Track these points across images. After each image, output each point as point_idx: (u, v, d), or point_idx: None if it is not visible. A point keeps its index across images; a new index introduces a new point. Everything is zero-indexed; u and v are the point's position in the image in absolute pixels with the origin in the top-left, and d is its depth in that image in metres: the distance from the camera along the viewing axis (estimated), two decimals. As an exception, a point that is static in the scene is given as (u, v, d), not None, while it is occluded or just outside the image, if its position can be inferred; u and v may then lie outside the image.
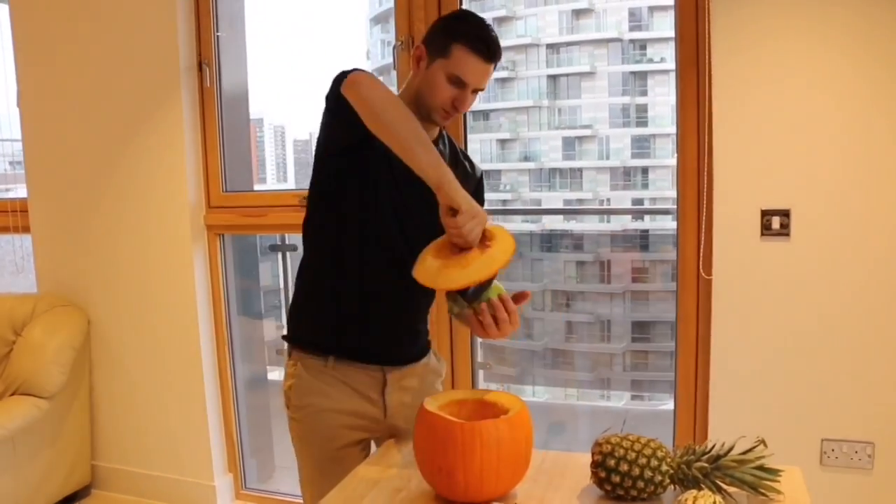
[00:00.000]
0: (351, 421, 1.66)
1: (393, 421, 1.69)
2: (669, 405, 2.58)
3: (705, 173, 2.30)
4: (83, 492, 3.24)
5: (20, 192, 3.35)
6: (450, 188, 1.35)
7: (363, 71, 1.48)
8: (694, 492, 1.18)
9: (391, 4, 2.72)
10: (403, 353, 1.71)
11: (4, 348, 3.07)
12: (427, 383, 1.76)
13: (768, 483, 1.27)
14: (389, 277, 1.61)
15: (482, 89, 1.61)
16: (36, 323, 3.05)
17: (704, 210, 2.31)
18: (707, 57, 2.25)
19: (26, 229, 3.32)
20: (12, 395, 2.94)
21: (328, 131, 1.58)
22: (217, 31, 2.98)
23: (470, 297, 1.42)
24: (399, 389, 1.68)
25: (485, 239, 1.41)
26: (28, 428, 2.86)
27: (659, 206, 6.49)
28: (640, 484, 1.29)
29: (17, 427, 2.80)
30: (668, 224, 2.48)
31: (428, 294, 1.72)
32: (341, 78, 1.48)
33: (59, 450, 3.05)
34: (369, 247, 1.61)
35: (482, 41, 1.55)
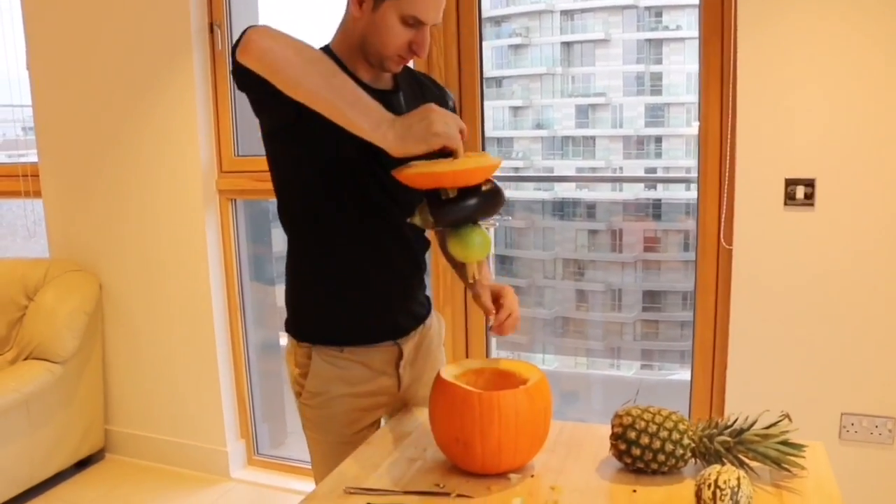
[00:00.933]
0: (368, 402, 1.59)
1: (406, 392, 1.66)
2: (680, 375, 2.55)
3: (728, 142, 2.25)
4: (97, 455, 3.27)
5: (32, 157, 3.33)
6: (398, 141, 1.18)
7: (257, 27, 1.22)
8: (717, 467, 1.16)
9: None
10: (414, 318, 1.64)
11: (17, 313, 3.07)
12: (434, 347, 1.71)
13: (792, 458, 1.24)
14: (385, 244, 1.51)
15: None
16: (48, 288, 3.04)
17: (727, 179, 2.26)
18: (733, 25, 2.18)
19: (38, 194, 3.30)
20: (25, 359, 2.95)
21: (256, 113, 1.40)
22: (229, -7, 2.93)
23: (448, 220, 1.31)
24: (411, 360, 1.64)
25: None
26: (41, 392, 2.87)
27: (672, 174, 6.43)
28: (661, 457, 1.27)
29: (31, 391, 2.81)
30: (682, 193, 2.44)
31: (424, 249, 1.63)
32: (236, 45, 1.23)
33: (73, 414, 3.06)
34: (354, 223, 1.47)
35: None
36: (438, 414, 1.35)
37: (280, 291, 1.63)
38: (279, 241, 3.52)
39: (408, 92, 1.51)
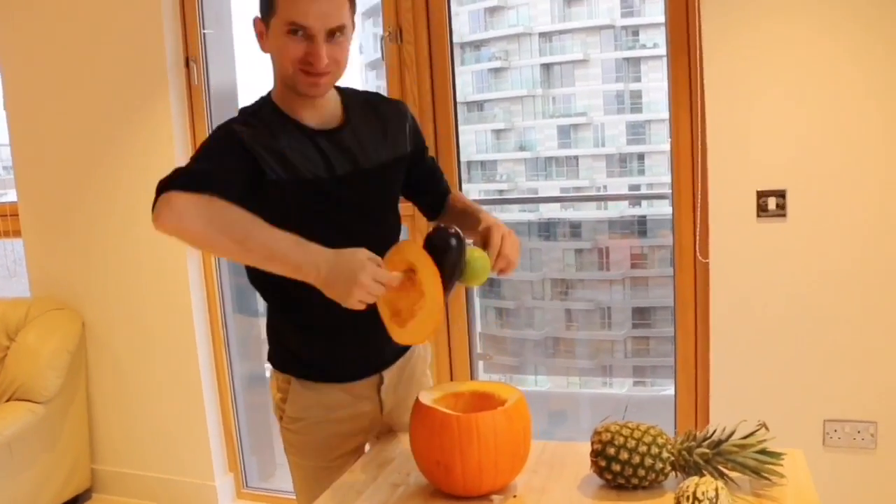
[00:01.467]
0: (348, 427, 1.59)
1: (389, 417, 1.65)
2: (672, 391, 2.56)
3: (699, 157, 2.28)
4: (83, 496, 3.23)
5: (11, 196, 3.32)
6: (324, 286, 1.21)
7: (167, 195, 1.25)
8: (696, 478, 1.16)
9: (382, -3, 2.68)
10: (394, 352, 1.63)
11: (-1, 354, 3.05)
12: (418, 372, 1.70)
13: (771, 467, 1.25)
14: None
15: (336, 29, 1.32)
16: (30, 327, 3.02)
17: (700, 193, 2.28)
18: (698, 41, 2.22)
19: (17, 233, 3.29)
20: (8, 400, 2.92)
21: None
22: (203, 29, 2.95)
23: (456, 283, 1.35)
24: (394, 385, 1.64)
25: (409, 270, 1.30)
26: (24, 433, 2.83)
27: (656, 191, 6.48)
28: (641, 472, 1.27)
29: (13, 433, 2.78)
30: (666, 209, 2.47)
31: None
32: (153, 207, 1.28)
33: (58, 454, 3.03)
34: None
35: None
36: (418, 438, 1.34)
37: (264, 323, 1.65)
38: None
39: (359, 123, 1.49)
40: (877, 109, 2.10)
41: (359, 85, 1.61)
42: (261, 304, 3.37)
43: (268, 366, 1.67)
